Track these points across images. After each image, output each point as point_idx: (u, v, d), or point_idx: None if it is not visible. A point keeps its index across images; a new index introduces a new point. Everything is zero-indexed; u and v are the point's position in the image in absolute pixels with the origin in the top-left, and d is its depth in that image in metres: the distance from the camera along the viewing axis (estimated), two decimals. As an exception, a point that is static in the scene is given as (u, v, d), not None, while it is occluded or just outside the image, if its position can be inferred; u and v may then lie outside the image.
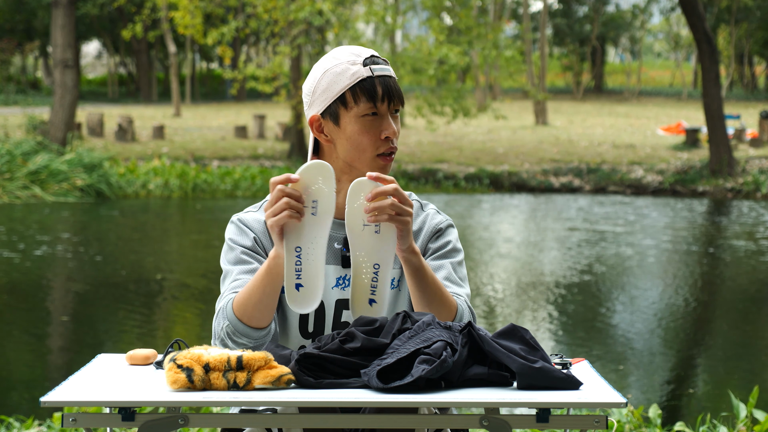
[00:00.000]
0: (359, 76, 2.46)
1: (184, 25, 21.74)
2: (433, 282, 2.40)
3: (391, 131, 2.47)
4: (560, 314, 9.40)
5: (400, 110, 2.53)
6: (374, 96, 2.45)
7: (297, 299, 2.31)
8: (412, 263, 2.37)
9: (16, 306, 9.60)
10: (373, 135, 2.47)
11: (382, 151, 2.48)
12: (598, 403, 2.08)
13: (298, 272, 2.31)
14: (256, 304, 2.36)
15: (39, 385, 6.90)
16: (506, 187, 21.32)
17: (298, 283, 2.31)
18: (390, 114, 2.48)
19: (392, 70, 2.53)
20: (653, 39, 68.13)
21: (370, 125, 2.46)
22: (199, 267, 11.86)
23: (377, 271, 2.35)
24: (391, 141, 2.48)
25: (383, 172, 2.47)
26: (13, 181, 17.63)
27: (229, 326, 2.39)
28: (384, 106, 2.47)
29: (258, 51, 51.76)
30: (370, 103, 2.45)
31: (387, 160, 2.49)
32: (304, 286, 2.31)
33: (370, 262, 2.35)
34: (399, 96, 2.49)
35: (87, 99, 42.03)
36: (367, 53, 2.50)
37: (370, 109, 2.45)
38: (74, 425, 2.10)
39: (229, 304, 2.41)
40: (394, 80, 2.50)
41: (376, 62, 2.49)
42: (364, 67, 2.47)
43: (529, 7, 43.13)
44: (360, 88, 2.45)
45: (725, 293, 10.97)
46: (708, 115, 21.44)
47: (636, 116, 39.13)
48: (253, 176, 19.91)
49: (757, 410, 4.77)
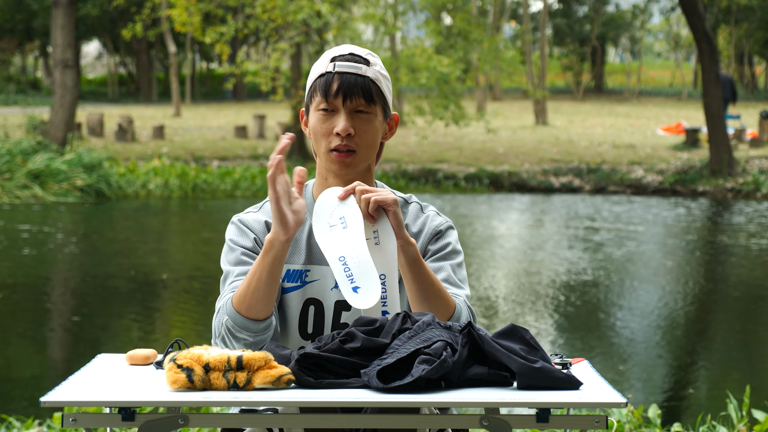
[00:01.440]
0: (320, 71, 2.50)
1: (181, 23, 21.74)
2: (430, 276, 2.40)
3: (342, 127, 2.47)
4: (560, 314, 9.40)
5: (372, 110, 2.50)
6: (327, 91, 2.48)
7: (358, 300, 2.35)
8: (409, 254, 2.38)
9: (16, 306, 9.60)
10: (326, 129, 2.50)
11: (333, 146, 2.49)
12: (598, 403, 2.08)
13: (351, 277, 2.35)
14: (255, 292, 2.36)
15: (39, 385, 6.90)
16: (506, 187, 21.32)
17: (354, 287, 2.35)
18: (348, 111, 2.48)
19: (373, 69, 2.50)
20: (653, 39, 68.13)
21: (324, 119, 2.50)
22: (200, 267, 11.86)
23: (384, 282, 2.38)
24: (341, 137, 2.48)
25: (337, 167, 2.50)
26: (13, 181, 17.63)
27: (228, 321, 2.39)
28: (338, 102, 2.48)
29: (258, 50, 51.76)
30: (323, 97, 2.48)
31: (341, 155, 2.49)
32: (362, 287, 2.35)
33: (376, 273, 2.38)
34: (364, 95, 2.48)
35: (87, 99, 42.02)
36: (348, 50, 2.51)
37: (323, 104, 2.49)
38: (74, 425, 2.10)
39: (229, 299, 2.41)
40: (362, 78, 2.48)
41: (347, 59, 2.49)
42: (330, 63, 2.49)
43: (529, 7, 43.11)
44: (318, 82, 2.50)
45: (725, 293, 10.97)
46: (708, 115, 21.44)
47: (636, 116, 39.13)
48: (253, 176, 19.90)
49: (756, 410, 4.77)
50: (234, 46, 42.94)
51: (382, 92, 2.52)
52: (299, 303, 2.53)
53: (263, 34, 23.64)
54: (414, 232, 2.57)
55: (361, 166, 2.52)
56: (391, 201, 2.36)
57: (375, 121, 2.51)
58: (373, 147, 2.53)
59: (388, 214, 2.37)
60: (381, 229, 2.39)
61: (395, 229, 2.37)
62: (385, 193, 2.38)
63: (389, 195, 2.38)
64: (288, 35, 21.95)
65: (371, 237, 2.39)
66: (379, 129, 2.54)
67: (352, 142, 2.49)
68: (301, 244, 2.56)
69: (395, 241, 2.37)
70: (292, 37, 21.94)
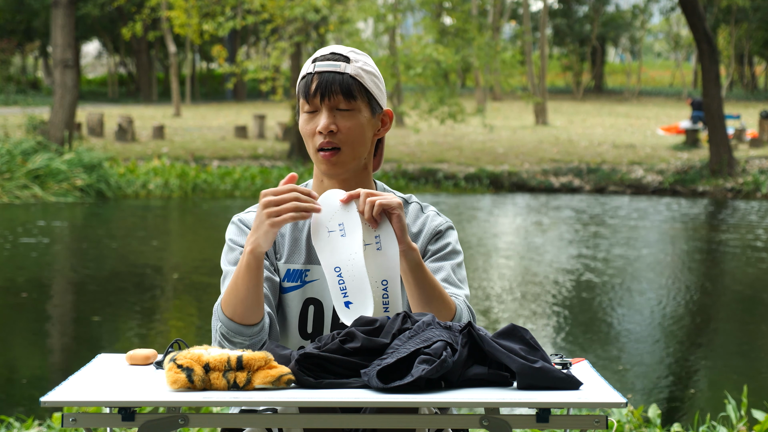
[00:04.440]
0: (303, 72, 2.51)
1: (180, 24, 21.73)
2: (431, 279, 2.40)
3: (322, 125, 2.46)
4: (560, 314, 9.40)
5: (353, 106, 2.48)
6: (307, 92, 2.48)
7: (350, 315, 2.33)
8: (411, 259, 2.37)
9: (16, 306, 9.60)
10: (310, 129, 2.50)
11: (318, 145, 2.49)
12: (598, 403, 2.08)
13: (344, 291, 2.33)
14: (243, 301, 2.37)
15: (39, 385, 6.90)
16: (506, 187, 21.32)
17: (347, 302, 2.33)
18: (329, 109, 2.47)
19: (354, 66, 2.48)
20: (653, 39, 68.15)
21: (308, 120, 2.50)
22: (200, 267, 11.86)
23: (386, 287, 2.36)
24: (323, 135, 2.47)
25: (325, 167, 2.50)
26: (13, 181, 17.63)
27: (222, 327, 2.39)
28: (317, 102, 2.47)
29: (258, 50, 51.75)
30: (305, 99, 2.49)
31: (326, 154, 2.49)
32: (354, 303, 2.33)
33: (378, 279, 2.36)
34: (343, 92, 2.46)
35: (87, 99, 42.02)
36: (329, 50, 2.52)
37: (305, 105, 2.50)
38: (74, 425, 2.10)
39: (219, 306, 2.41)
40: (341, 75, 2.46)
41: (327, 59, 2.49)
42: (311, 64, 2.50)
43: (529, 7, 43.11)
44: (300, 85, 2.51)
45: (725, 293, 10.97)
46: (708, 115, 21.45)
47: (636, 116, 39.14)
48: (253, 176, 19.90)
49: (756, 410, 4.77)
50: (234, 46, 42.94)
51: (365, 87, 2.50)
52: (299, 303, 2.53)
53: (263, 35, 23.63)
54: (414, 232, 2.57)
55: (349, 164, 2.50)
56: (395, 204, 2.34)
57: (359, 117, 2.49)
58: (360, 143, 2.50)
59: (391, 218, 2.35)
60: (383, 234, 2.37)
61: (398, 234, 2.35)
62: (389, 197, 2.36)
63: (394, 199, 2.35)
64: (287, 34, 21.93)
65: (372, 242, 2.36)
66: (366, 125, 2.51)
67: (336, 139, 2.48)
68: (301, 243, 2.55)
69: (397, 246, 2.36)
70: (291, 36, 21.92)
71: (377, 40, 24.55)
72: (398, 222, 2.35)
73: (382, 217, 2.36)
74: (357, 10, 21.92)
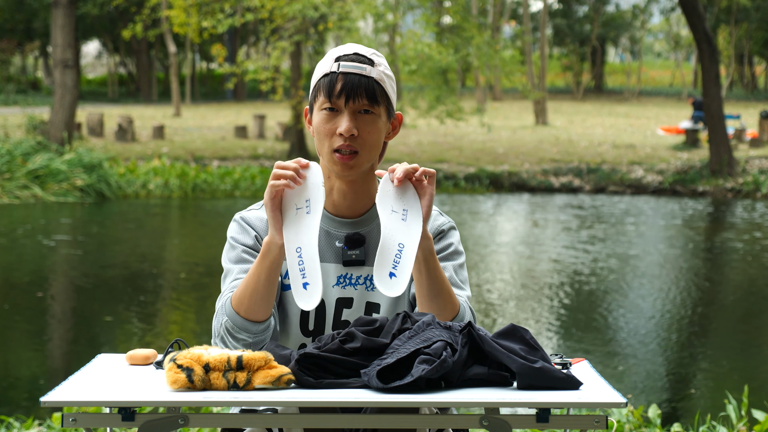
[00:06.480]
0: (324, 71, 2.49)
1: (179, 24, 21.72)
2: (441, 272, 2.42)
3: (345, 128, 2.45)
4: (560, 314, 9.40)
5: (376, 110, 2.49)
6: (331, 91, 2.46)
7: (305, 297, 2.33)
8: (426, 247, 2.40)
9: (16, 306, 9.59)
10: (329, 129, 2.49)
11: (336, 147, 2.48)
12: (598, 403, 2.08)
13: (303, 271, 2.33)
14: (253, 294, 2.37)
15: (39, 385, 6.90)
16: (506, 187, 21.31)
17: (304, 282, 2.33)
18: (351, 112, 2.47)
19: (377, 70, 2.49)
20: (653, 39, 68.13)
21: (327, 119, 2.48)
22: (200, 267, 11.85)
23: (401, 250, 2.36)
24: (344, 138, 2.47)
25: (340, 168, 2.49)
26: (13, 181, 17.62)
27: (228, 321, 2.39)
28: (340, 102, 2.47)
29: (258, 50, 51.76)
30: (326, 97, 2.47)
31: (344, 158, 2.48)
32: (310, 284, 2.32)
33: (395, 240, 2.36)
34: (368, 96, 2.46)
35: (87, 99, 42.02)
36: (352, 50, 2.50)
37: (326, 104, 2.48)
38: (74, 425, 2.10)
39: (228, 300, 2.41)
40: (366, 79, 2.47)
41: (352, 59, 2.48)
42: (334, 63, 2.48)
43: (529, 7, 43.10)
44: (322, 82, 2.49)
45: (725, 293, 10.97)
46: (708, 115, 21.44)
47: (636, 116, 39.13)
48: (253, 176, 19.90)
49: (756, 410, 4.77)
50: (234, 46, 42.94)
51: (386, 92, 2.51)
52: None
53: (263, 35, 23.62)
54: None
55: (364, 167, 2.51)
56: (433, 172, 2.40)
57: (378, 122, 2.50)
58: (376, 147, 2.52)
59: (423, 198, 2.39)
60: (411, 210, 2.39)
61: (424, 214, 2.38)
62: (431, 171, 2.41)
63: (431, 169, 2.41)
64: (287, 33, 21.92)
65: (399, 212, 2.38)
66: (383, 129, 2.52)
67: (356, 143, 2.47)
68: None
69: (420, 225, 2.37)
70: (291, 35, 21.91)
71: (377, 38, 24.51)
72: (428, 203, 2.39)
73: (414, 197, 2.39)
74: (355, 3, 21.85)
